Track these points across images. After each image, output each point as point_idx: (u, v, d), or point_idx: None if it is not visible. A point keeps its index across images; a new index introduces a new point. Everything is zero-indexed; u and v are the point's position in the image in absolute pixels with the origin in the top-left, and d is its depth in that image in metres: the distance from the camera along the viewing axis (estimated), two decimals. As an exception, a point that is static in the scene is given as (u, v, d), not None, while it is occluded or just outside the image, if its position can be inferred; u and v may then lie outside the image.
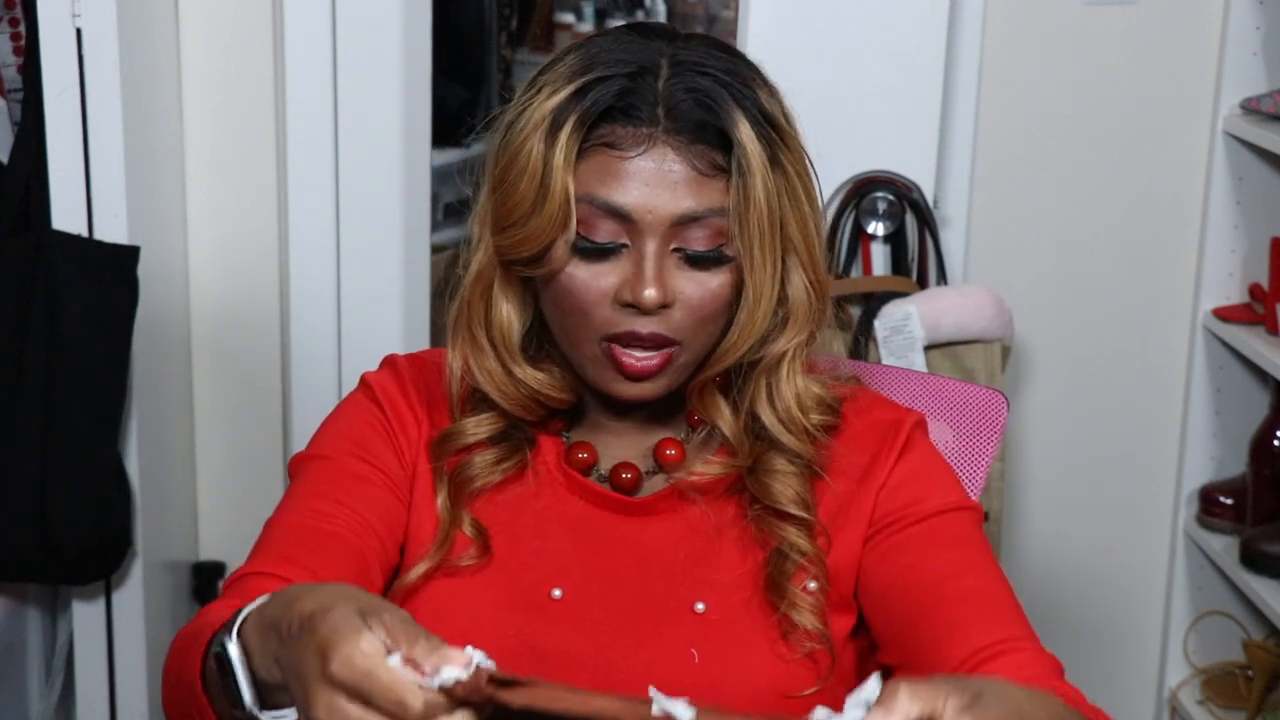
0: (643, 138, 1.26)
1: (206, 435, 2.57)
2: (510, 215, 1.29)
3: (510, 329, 1.35)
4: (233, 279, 2.52)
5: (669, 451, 1.38)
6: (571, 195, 1.26)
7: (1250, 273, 2.72)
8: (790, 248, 1.31)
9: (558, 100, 1.27)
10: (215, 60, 2.46)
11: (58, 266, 2.19)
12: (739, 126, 1.26)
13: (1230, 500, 2.74)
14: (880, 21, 2.50)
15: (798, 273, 1.32)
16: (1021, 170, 2.69)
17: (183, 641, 1.20)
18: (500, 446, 1.37)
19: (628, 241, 1.27)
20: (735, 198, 1.26)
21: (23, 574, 2.31)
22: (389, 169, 2.53)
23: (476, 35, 3.49)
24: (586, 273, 1.28)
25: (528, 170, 1.26)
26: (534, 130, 1.27)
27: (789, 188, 1.29)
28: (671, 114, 1.26)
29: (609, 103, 1.26)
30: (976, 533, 1.36)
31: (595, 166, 1.27)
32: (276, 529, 1.33)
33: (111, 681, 2.41)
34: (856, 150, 2.50)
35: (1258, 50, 2.65)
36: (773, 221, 1.28)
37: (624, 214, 1.26)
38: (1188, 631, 2.84)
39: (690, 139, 1.26)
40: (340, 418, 1.42)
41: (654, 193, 1.26)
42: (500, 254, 1.32)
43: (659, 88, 1.27)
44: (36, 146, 2.22)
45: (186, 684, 1.14)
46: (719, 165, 1.27)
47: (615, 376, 1.31)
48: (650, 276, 1.26)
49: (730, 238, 1.27)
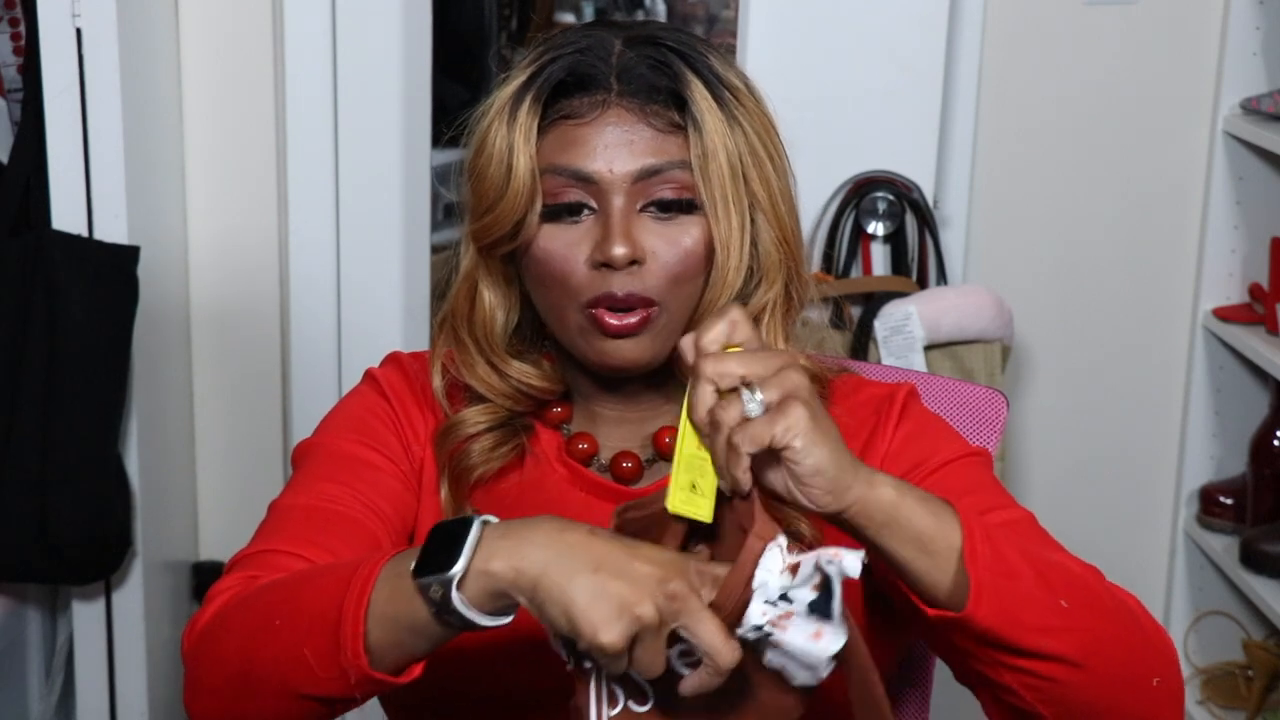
0: (598, 104, 1.29)
1: (206, 435, 2.57)
2: (483, 200, 1.31)
3: (493, 322, 1.37)
4: (233, 279, 2.52)
5: (668, 439, 1.38)
6: (536, 169, 1.29)
7: (1250, 273, 2.72)
8: (755, 203, 1.32)
9: (515, 85, 1.31)
10: (215, 60, 2.46)
11: (58, 266, 2.19)
12: (691, 85, 1.29)
13: (1230, 500, 2.74)
14: (880, 22, 2.50)
15: (766, 230, 1.33)
16: (1021, 170, 2.69)
17: (268, 595, 1.17)
18: (497, 433, 1.38)
19: (595, 205, 1.29)
20: (695, 151, 1.29)
21: (23, 574, 2.31)
22: (389, 169, 2.53)
23: (476, 35, 3.49)
24: (559, 241, 1.30)
25: (494, 154, 1.30)
26: (496, 115, 1.31)
27: (749, 145, 1.31)
28: (623, 78, 1.29)
29: (561, 76, 1.29)
30: (988, 475, 1.35)
31: (555, 138, 1.30)
32: (290, 511, 1.32)
33: (111, 681, 2.41)
34: (856, 150, 2.50)
35: (1258, 50, 2.65)
36: (734, 175, 1.29)
37: (586, 176, 1.28)
38: (1188, 631, 2.84)
39: (644, 100, 1.29)
40: (346, 408, 1.42)
41: (614, 152, 1.28)
42: (477, 240, 1.34)
43: (611, 60, 1.30)
44: (36, 146, 2.22)
45: (285, 627, 1.13)
46: (676, 123, 1.29)
47: (600, 340, 1.31)
48: (618, 233, 1.27)
49: (695, 189, 1.29)
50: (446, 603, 1.05)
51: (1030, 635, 1.10)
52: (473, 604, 1.05)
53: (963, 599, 1.09)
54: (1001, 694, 1.15)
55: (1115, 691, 1.14)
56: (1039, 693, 1.12)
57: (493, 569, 1.05)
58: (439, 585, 1.05)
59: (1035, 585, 1.12)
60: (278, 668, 1.13)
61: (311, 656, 1.11)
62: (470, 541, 1.06)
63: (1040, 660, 1.11)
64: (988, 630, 1.10)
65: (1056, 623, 1.11)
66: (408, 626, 1.08)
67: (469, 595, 1.05)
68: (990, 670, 1.13)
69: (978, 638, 1.11)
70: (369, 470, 1.35)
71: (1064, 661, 1.11)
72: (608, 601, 1.01)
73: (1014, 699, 1.14)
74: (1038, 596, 1.11)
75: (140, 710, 2.42)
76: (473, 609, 1.05)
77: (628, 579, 1.02)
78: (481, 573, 1.05)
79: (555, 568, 1.03)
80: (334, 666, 1.10)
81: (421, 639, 1.09)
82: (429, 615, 1.07)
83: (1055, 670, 1.11)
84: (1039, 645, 1.11)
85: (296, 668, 1.11)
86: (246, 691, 1.15)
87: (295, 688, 1.12)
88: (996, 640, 1.10)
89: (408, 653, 1.10)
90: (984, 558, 1.10)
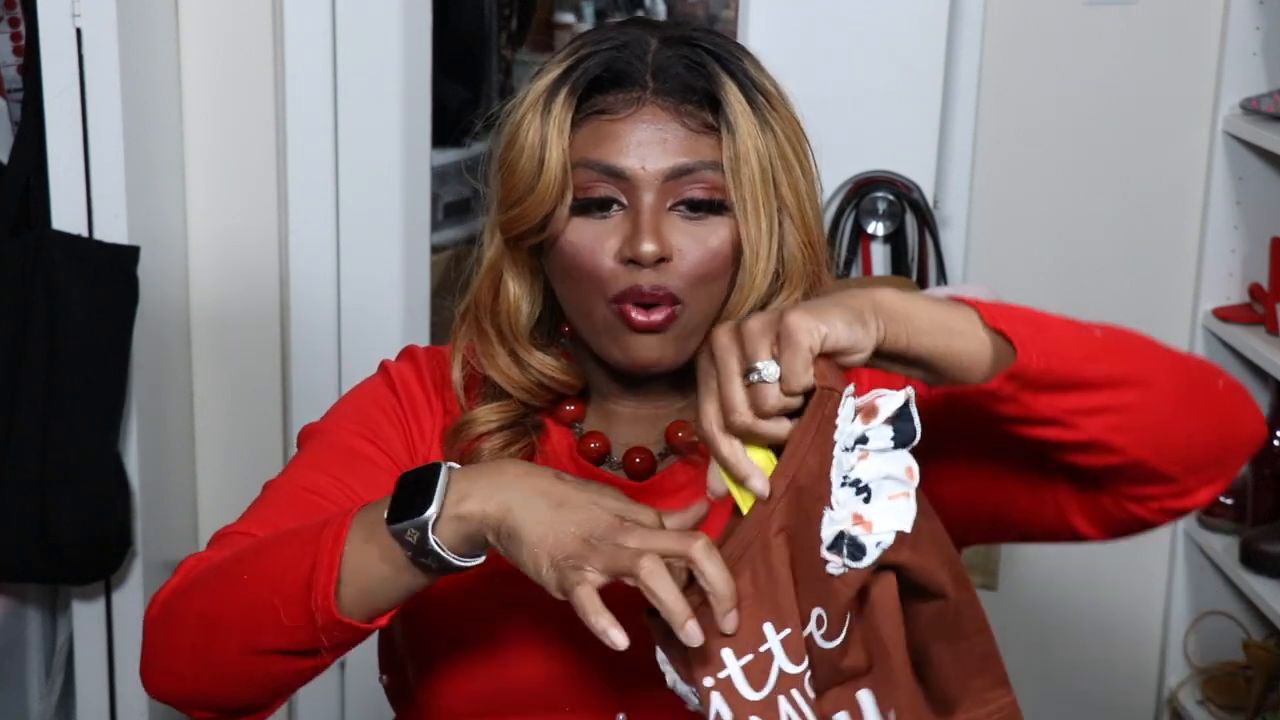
0: (632, 101, 1.29)
1: (206, 435, 2.57)
2: (513, 192, 1.31)
3: (517, 313, 1.37)
4: (233, 279, 2.52)
5: (680, 433, 1.38)
6: (568, 162, 1.29)
7: (1250, 273, 2.72)
8: (784, 207, 1.32)
9: (550, 79, 1.31)
10: (215, 60, 2.46)
11: (58, 266, 2.19)
12: (726, 87, 1.29)
13: (1230, 500, 2.74)
14: (880, 21, 2.50)
15: (792, 234, 1.34)
16: (1021, 170, 2.69)
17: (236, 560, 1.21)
18: (508, 433, 1.38)
19: (625, 201, 1.30)
20: (727, 153, 1.29)
21: (23, 574, 2.31)
22: (389, 169, 2.53)
23: (476, 35, 3.49)
24: (588, 235, 1.30)
25: (526, 147, 1.30)
26: (530, 109, 1.31)
27: (779, 150, 1.31)
28: (659, 77, 1.30)
29: (597, 72, 1.30)
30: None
31: (589, 133, 1.30)
32: (277, 494, 1.34)
33: (111, 681, 2.41)
34: (856, 150, 2.50)
35: (1258, 50, 2.65)
36: (764, 178, 1.30)
37: (619, 172, 1.29)
38: (1188, 631, 2.84)
39: (679, 100, 1.30)
40: (355, 398, 1.43)
41: (647, 150, 1.29)
42: (505, 231, 1.34)
43: (648, 58, 1.31)
44: (36, 146, 2.22)
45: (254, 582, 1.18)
46: (709, 124, 1.30)
47: (626, 336, 1.31)
48: (647, 230, 1.28)
49: (725, 191, 1.30)
50: (423, 545, 1.11)
51: (1085, 365, 1.12)
52: (448, 546, 1.12)
53: (1009, 357, 1.10)
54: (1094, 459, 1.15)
55: (1184, 401, 1.17)
56: (1126, 431, 1.14)
57: (465, 510, 1.11)
58: (415, 529, 1.11)
59: (1062, 324, 1.14)
60: (243, 620, 1.18)
61: (281, 605, 1.16)
62: (441, 486, 1.12)
63: (1107, 390, 1.13)
64: (1045, 373, 1.10)
65: (1099, 349, 1.14)
66: (380, 574, 1.14)
67: (443, 537, 1.12)
68: (1073, 432, 1.13)
69: (1043, 386, 1.11)
70: (364, 464, 1.36)
71: (1127, 383, 1.14)
72: (563, 538, 1.08)
73: (1107, 456, 1.15)
74: (1070, 332, 1.14)
75: (140, 710, 2.42)
76: (448, 551, 1.12)
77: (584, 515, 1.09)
78: (454, 515, 1.11)
79: (521, 507, 1.10)
80: (303, 613, 1.14)
81: (393, 586, 1.14)
82: (405, 560, 1.13)
83: (1125, 397, 1.13)
84: (1097, 373, 1.13)
85: (263, 617, 1.16)
86: (208, 649, 1.20)
87: (259, 640, 1.17)
88: (1058, 382, 1.11)
89: (378, 600, 1.15)
90: (1004, 317, 1.12)
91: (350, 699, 2.64)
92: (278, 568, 1.17)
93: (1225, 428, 1.20)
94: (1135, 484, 1.18)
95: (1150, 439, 1.15)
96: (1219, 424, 1.20)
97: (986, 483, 1.28)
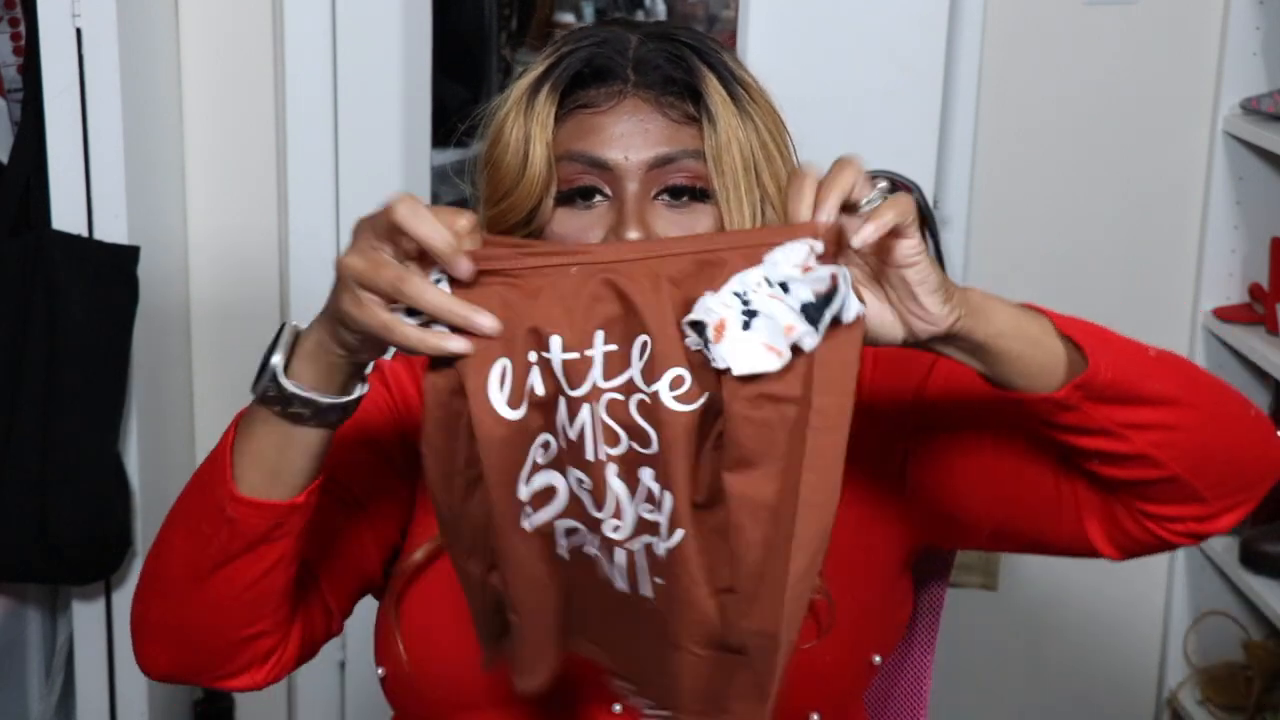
0: (614, 94, 1.31)
1: (206, 435, 2.57)
2: (499, 188, 1.33)
3: None
4: (233, 279, 2.52)
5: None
6: (552, 156, 1.30)
7: (1250, 273, 2.72)
8: (766, 197, 1.33)
9: (532, 77, 1.33)
10: (215, 60, 2.46)
11: (58, 266, 2.19)
12: (706, 79, 1.31)
13: (1230, 500, 2.74)
14: (880, 21, 2.50)
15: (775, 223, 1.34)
16: (1021, 170, 2.69)
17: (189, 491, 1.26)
18: None
19: (609, 191, 1.30)
20: (709, 143, 1.31)
21: (23, 574, 2.31)
22: (389, 169, 2.53)
23: (476, 35, 3.49)
24: (573, 225, 1.31)
25: (510, 143, 1.31)
26: (513, 107, 1.32)
27: (760, 140, 1.32)
28: (640, 70, 1.31)
29: (579, 68, 1.31)
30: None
31: (572, 127, 1.31)
32: None
33: (111, 681, 2.41)
34: (856, 150, 2.49)
35: (1258, 50, 2.65)
36: (746, 167, 1.31)
37: (602, 163, 1.30)
38: (1188, 631, 2.84)
39: (659, 92, 1.31)
40: None
41: (629, 140, 1.30)
42: (493, 226, 1.35)
43: (628, 53, 1.32)
44: (36, 146, 2.22)
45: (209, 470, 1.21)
46: (690, 115, 1.31)
47: None
48: (632, 218, 1.29)
49: (708, 179, 1.31)
50: (283, 392, 1.14)
51: (1144, 381, 1.17)
52: (311, 386, 1.14)
53: (1080, 365, 1.14)
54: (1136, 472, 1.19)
55: (1223, 424, 1.22)
56: (1170, 448, 1.18)
57: (308, 346, 1.15)
58: (270, 383, 1.14)
59: (1121, 340, 1.18)
60: (181, 557, 1.21)
61: (200, 519, 1.19)
62: (285, 337, 1.16)
63: (1159, 407, 1.17)
64: (1110, 385, 1.14)
65: (1153, 366, 1.19)
66: (271, 444, 1.17)
67: (303, 379, 1.14)
68: (1123, 444, 1.17)
69: (1105, 398, 1.15)
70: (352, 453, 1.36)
71: (1177, 402, 1.18)
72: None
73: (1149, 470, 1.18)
74: (1130, 349, 1.19)
75: (140, 710, 2.42)
76: (312, 390, 1.14)
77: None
78: (301, 355, 1.15)
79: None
80: (216, 514, 1.18)
81: (288, 453, 1.17)
82: (280, 419, 1.15)
83: (1173, 415, 1.18)
84: (1152, 390, 1.17)
85: (193, 542, 1.20)
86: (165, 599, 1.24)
87: (199, 562, 1.20)
88: (1120, 395, 1.15)
89: (282, 472, 1.17)
90: (1076, 327, 1.16)
91: (350, 698, 2.64)
92: (191, 496, 1.23)
93: (1256, 454, 1.24)
94: (1165, 503, 1.21)
95: (1191, 457, 1.19)
96: (1250, 449, 1.24)
97: (1004, 491, 1.29)
